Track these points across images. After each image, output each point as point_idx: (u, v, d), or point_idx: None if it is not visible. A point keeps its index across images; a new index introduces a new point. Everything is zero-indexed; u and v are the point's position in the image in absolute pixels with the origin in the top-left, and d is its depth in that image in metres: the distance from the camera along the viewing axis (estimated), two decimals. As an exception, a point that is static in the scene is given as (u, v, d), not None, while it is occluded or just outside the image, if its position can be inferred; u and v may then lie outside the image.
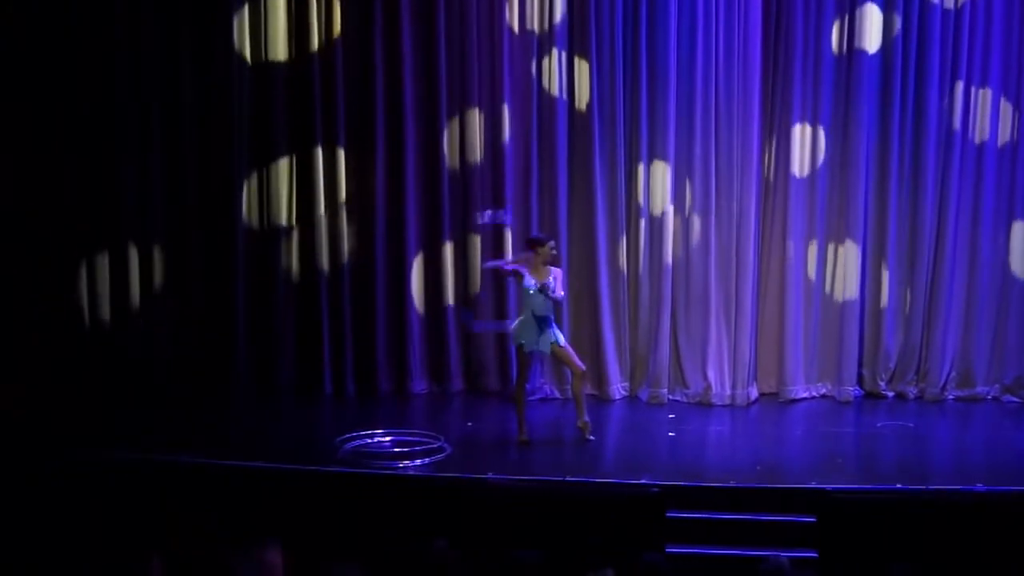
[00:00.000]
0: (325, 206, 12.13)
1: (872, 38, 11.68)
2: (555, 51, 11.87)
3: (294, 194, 12.20)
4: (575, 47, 11.91)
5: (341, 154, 12.11)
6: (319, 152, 12.07)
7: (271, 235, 12.22)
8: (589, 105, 11.88)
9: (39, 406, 11.30)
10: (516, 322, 10.54)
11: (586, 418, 10.55)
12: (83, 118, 11.89)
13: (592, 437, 10.54)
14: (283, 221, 12.21)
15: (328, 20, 12.03)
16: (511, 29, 11.92)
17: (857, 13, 11.66)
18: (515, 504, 9.12)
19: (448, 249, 12.17)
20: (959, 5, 11.61)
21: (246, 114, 12.00)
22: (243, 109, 11.98)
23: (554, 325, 10.47)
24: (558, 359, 10.78)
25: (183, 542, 7.91)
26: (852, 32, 11.73)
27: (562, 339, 10.57)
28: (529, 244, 10.62)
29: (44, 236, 11.93)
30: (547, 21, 11.91)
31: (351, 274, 12.21)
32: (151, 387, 11.95)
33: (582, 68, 11.90)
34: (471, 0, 11.92)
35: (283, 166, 12.15)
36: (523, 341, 10.39)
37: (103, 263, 12.07)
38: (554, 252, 10.63)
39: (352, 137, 12.11)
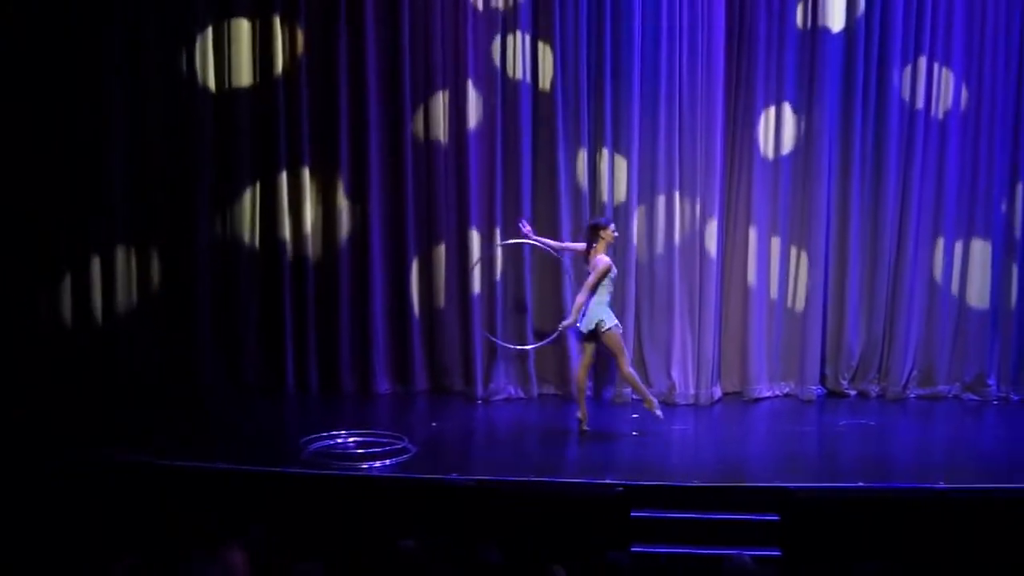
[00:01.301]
0: (289, 213, 12.14)
1: (836, 18, 11.81)
2: (519, 33, 11.91)
3: (257, 203, 12.21)
4: (540, 32, 11.97)
5: (306, 174, 12.13)
6: (283, 178, 12.10)
7: (234, 233, 12.20)
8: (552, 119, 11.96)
9: (16, 406, 11.23)
10: (594, 308, 10.51)
11: (650, 397, 10.79)
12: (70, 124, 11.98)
13: (660, 412, 10.73)
14: (246, 224, 12.20)
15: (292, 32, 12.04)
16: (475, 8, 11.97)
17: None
18: (480, 504, 9.08)
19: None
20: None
21: (208, 137, 12.07)
22: (206, 134, 12.06)
23: None
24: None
25: (147, 543, 7.84)
26: (816, 12, 11.80)
27: None
28: (595, 230, 10.63)
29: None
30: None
31: (315, 271, 12.19)
32: (115, 386, 11.92)
33: (546, 55, 11.96)
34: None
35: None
36: (612, 323, 10.53)
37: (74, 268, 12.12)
38: (615, 232, 10.78)
39: (316, 154, 12.15)
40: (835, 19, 11.79)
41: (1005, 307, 12.00)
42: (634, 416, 11.36)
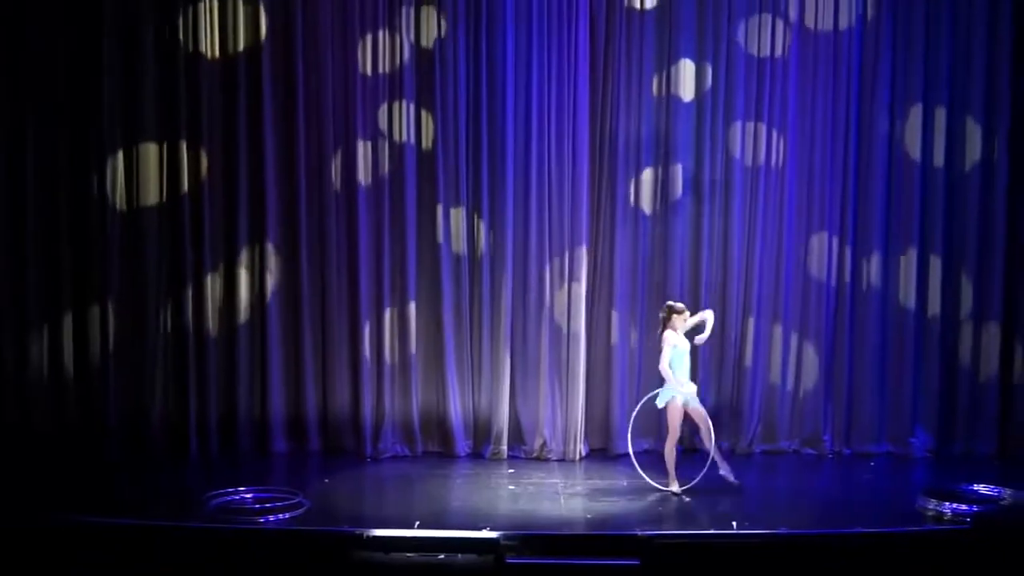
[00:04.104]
0: (192, 267, 11.98)
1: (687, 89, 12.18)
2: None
3: (164, 256, 12.03)
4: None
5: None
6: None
7: (140, 296, 11.98)
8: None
9: None
10: (675, 383, 10.72)
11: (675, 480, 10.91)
12: None
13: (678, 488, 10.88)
14: (153, 282, 11.96)
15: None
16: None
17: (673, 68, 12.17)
18: (368, 552, 8.93)
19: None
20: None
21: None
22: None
23: None
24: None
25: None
26: (671, 83, 12.13)
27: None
28: (673, 311, 10.88)
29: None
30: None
31: (216, 338, 12.06)
32: (24, 446, 11.67)
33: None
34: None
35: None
36: (671, 397, 10.74)
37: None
38: (688, 314, 10.98)
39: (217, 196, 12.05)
40: (686, 90, 12.18)
41: (838, 374, 12.37)
42: (510, 471, 11.51)
